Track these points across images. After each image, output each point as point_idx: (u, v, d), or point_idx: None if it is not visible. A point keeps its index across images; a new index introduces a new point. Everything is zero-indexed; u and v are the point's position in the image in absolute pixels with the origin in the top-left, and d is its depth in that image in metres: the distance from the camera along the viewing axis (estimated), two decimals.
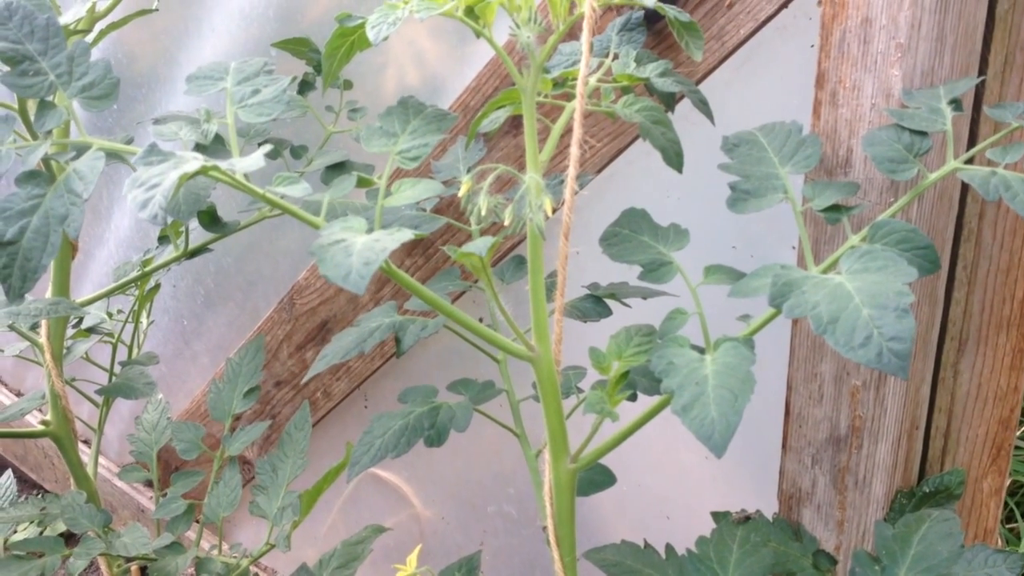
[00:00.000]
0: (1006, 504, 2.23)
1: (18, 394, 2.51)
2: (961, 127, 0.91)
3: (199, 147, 0.92)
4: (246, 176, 0.76)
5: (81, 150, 0.78)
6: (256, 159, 0.71)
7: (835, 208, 0.83)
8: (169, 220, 1.15)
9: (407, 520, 1.72)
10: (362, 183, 0.90)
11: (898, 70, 0.84)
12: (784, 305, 0.69)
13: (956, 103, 0.82)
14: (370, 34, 0.81)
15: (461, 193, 0.82)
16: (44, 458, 2.45)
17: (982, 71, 0.91)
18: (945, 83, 0.84)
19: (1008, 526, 2.20)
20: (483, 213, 0.81)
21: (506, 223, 0.80)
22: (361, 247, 0.70)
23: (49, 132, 0.81)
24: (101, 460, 2.27)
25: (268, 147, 0.74)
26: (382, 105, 1.25)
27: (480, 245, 0.79)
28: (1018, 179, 0.74)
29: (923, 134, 0.80)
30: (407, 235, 0.72)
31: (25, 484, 2.56)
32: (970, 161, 0.81)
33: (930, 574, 0.82)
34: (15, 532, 1.98)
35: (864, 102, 0.87)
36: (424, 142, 0.86)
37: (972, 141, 0.93)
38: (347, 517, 1.82)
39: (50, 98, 0.81)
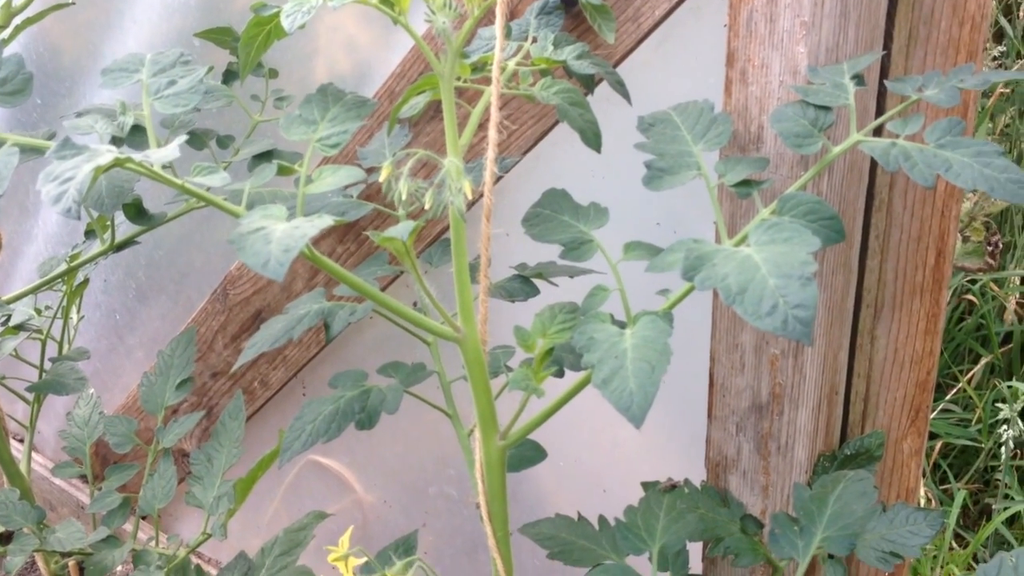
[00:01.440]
0: (939, 466, 2.29)
1: None
2: (868, 101, 0.93)
3: (116, 140, 0.92)
4: (172, 168, 0.76)
5: None
6: (171, 150, 0.72)
7: (746, 183, 0.85)
8: (84, 214, 1.14)
9: (350, 505, 1.73)
10: (283, 171, 0.91)
11: (803, 47, 0.86)
12: (696, 278, 0.71)
13: (859, 78, 0.84)
14: (285, 23, 0.82)
15: (381, 178, 0.83)
16: None
17: (887, 46, 0.94)
18: (849, 59, 0.87)
19: (942, 487, 2.26)
20: (403, 198, 0.82)
21: (427, 207, 0.82)
22: (280, 234, 0.71)
23: None
24: (39, 458, 2.25)
25: (183, 137, 0.74)
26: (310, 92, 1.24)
27: (401, 230, 0.80)
28: (916, 149, 0.77)
29: (827, 109, 0.83)
30: (327, 221, 0.73)
31: None
32: (877, 133, 0.84)
33: (845, 532, 0.86)
34: None
35: (772, 80, 0.89)
36: (344, 129, 0.87)
37: (880, 114, 0.95)
38: (289, 505, 1.83)
39: None
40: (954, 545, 2.14)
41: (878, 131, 0.85)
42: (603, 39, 0.99)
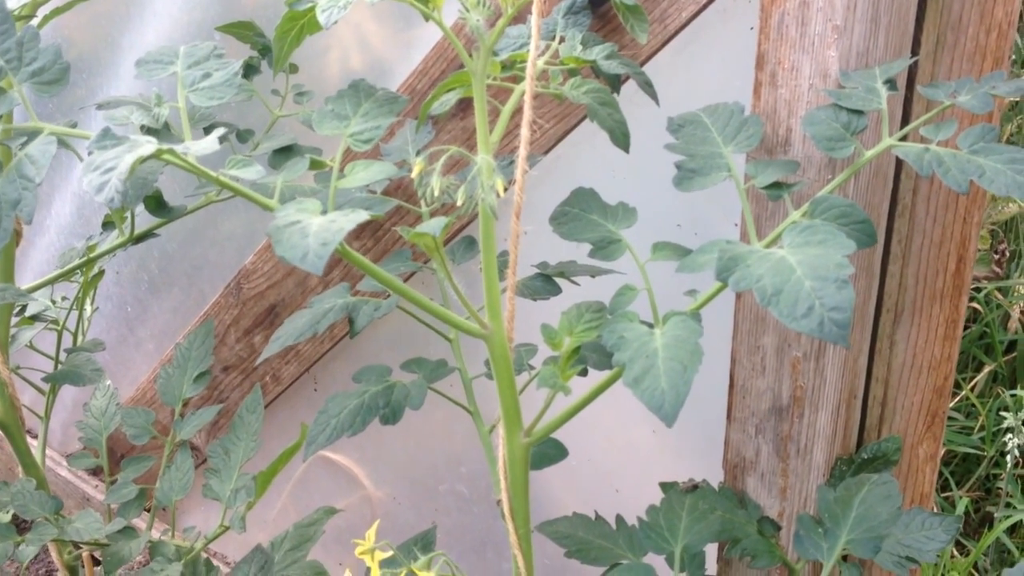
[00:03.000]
0: (941, 473, 2.30)
1: None
2: (895, 106, 0.94)
3: (150, 131, 0.93)
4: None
5: (32, 135, 0.78)
6: (211, 142, 0.72)
7: (776, 185, 0.86)
8: (101, 205, 1.15)
9: (358, 501, 1.73)
10: (314, 165, 0.91)
11: (835, 51, 0.87)
12: (730, 279, 0.71)
13: (891, 83, 0.85)
14: (321, 18, 0.82)
15: (414, 175, 0.84)
16: None
17: (914, 51, 0.94)
18: (880, 64, 0.88)
19: (944, 495, 2.26)
20: (436, 194, 0.82)
21: (459, 203, 0.82)
22: (317, 228, 0.71)
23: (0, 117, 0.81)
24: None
25: (222, 130, 0.75)
26: (326, 88, 1.24)
27: (434, 225, 0.81)
28: (950, 155, 0.78)
29: (859, 113, 0.83)
30: (362, 216, 0.73)
31: None
32: (904, 138, 0.84)
33: (870, 534, 0.86)
34: None
35: (802, 83, 0.90)
36: (376, 124, 0.87)
37: (905, 119, 0.96)
38: (297, 500, 1.83)
39: (0, 84, 0.80)
40: (955, 553, 2.15)
41: (904, 136, 0.86)
42: (628, 39, 1.00)
